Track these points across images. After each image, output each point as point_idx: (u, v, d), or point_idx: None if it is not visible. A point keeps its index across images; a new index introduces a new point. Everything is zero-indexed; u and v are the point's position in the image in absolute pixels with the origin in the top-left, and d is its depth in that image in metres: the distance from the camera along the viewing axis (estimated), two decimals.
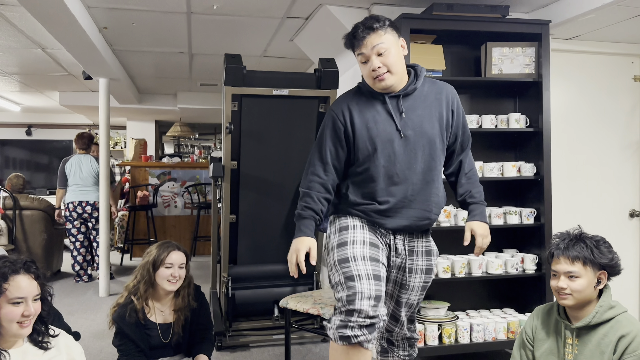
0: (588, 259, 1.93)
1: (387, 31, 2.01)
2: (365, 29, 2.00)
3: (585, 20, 3.43)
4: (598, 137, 4.01)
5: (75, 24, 3.50)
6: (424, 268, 2.21)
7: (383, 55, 2.00)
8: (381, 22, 2.01)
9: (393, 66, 2.01)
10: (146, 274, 2.55)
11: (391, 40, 2.02)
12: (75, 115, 9.55)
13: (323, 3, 3.57)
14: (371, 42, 1.99)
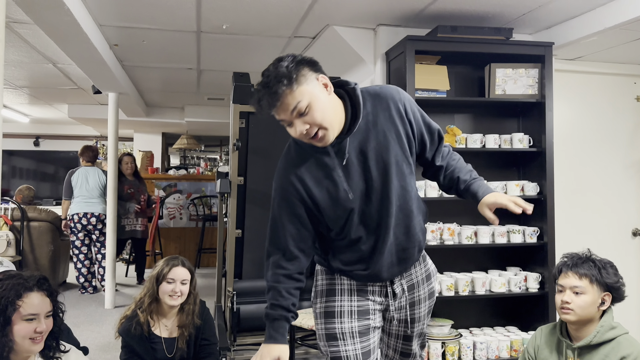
0: (595, 277, 1.97)
1: (300, 82, 1.55)
2: (274, 94, 1.54)
3: (588, 43, 3.49)
4: (601, 156, 4.04)
5: (88, 42, 3.57)
6: (426, 295, 1.96)
7: (307, 113, 1.56)
8: (286, 77, 1.53)
9: (324, 120, 1.58)
10: (151, 287, 2.60)
11: (309, 90, 1.56)
12: (82, 127, 9.65)
13: (330, 23, 3.64)
14: (287, 105, 1.55)
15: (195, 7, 3.32)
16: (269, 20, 3.56)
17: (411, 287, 1.89)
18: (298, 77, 1.56)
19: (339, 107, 1.66)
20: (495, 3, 3.19)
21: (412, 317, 1.90)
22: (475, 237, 3.42)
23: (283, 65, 1.56)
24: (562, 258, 2.12)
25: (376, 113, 1.71)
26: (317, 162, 1.70)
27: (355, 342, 1.79)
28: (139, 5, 3.31)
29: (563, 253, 2.16)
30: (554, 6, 3.23)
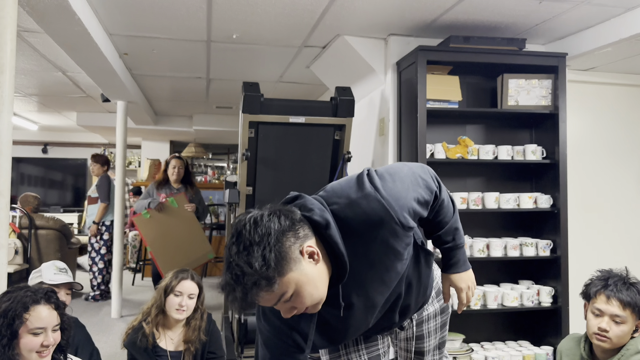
0: (638, 307, 1.88)
1: (282, 273, 1.27)
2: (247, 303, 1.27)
3: (602, 53, 3.44)
4: (615, 168, 3.99)
5: (97, 51, 3.57)
6: (438, 327, 1.88)
7: (293, 299, 1.33)
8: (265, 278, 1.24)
9: (314, 299, 1.35)
10: (159, 298, 2.57)
11: (294, 278, 1.29)
12: (91, 135, 9.67)
13: (341, 33, 3.62)
14: (266, 302, 1.31)
15: (206, 16, 3.30)
16: (280, 30, 3.54)
17: (420, 323, 1.84)
18: (280, 268, 1.26)
19: (325, 269, 1.37)
20: (509, 14, 3.16)
21: (419, 350, 1.88)
22: (488, 249, 3.37)
23: (256, 259, 1.23)
24: (599, 277, 1.98)
25: (368, 244, 1.41)
26: None
27: None
28: (150, 15, 3.30)
29: (597, 269, 2.04)
30: (567, 17, 3.20)
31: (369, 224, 1.38)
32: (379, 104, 3.84)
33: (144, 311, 2.62)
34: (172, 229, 4.72)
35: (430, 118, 3.28)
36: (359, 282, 1.45)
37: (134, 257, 7.57)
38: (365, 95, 4.13)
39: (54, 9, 2.76)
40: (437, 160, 3.34)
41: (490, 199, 3.38)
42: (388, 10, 3.15)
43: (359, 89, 4.12)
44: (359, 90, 4.13)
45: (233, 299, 1.26)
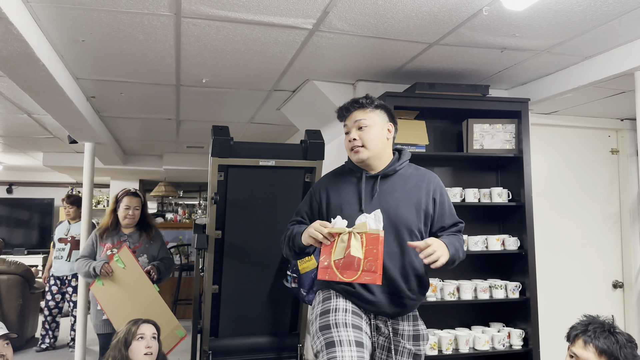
0: (614, 357, 1.87)
1: (374, 111, 2.12)
2: (353, 104, 2.14)
3: (563, 99, 3.56)
4: (579, 208, 4.07)
5: (63, 95, 3.52)
6: (411, 352, 2.11)
7: (363, 130, 2.10)
8: (369, 100, 2.13)
9: (369, 142, 2.09)
10: (117, 354, 2.48)
11: (375, 119, 2.12)
12: (57, 174, 9.48)
13: (310, 78, 3.66)
14: (355, 117, 2.12)
15: (175, 62, 3.31)
16: (249, 75, 3.57)
17: (395, 333, 2.10)
18: (376, 108, 2.12)
19: (387, 150, 2.17)
20: (472, 61, 3.25)
21: (395, 348, 2.08)
22: (458, 292, 3.38)
23: (375, 98, 2.16)
24: (582, 322, 1.98)
25: (411, 178, 2.13)
26: (348, 182, 2.16)
27: (349, 330, 1.95)
28: (118, 60, 3.29)
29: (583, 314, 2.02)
30: (529, 64, 3.30)
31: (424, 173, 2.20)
32: None
33: None
34: (128, 299, 3.46)
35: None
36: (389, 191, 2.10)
37: None
38: (335, 137, 4.16)
39: (17, 56, 2.72)
40: None
41: None
42: (355, 58, 3.21)
43: (329, 131, 4.16)
44: (329, 133, 4.16)
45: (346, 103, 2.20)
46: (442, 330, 3.42)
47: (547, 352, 3.44)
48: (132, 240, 3.67)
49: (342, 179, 2.19)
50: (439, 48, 3.01)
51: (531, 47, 3.00)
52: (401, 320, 2.13)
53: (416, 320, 2.19)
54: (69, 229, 5.69)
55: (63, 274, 5.50)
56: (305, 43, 2.96)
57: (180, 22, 2.67)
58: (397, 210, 2.06)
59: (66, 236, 5.65)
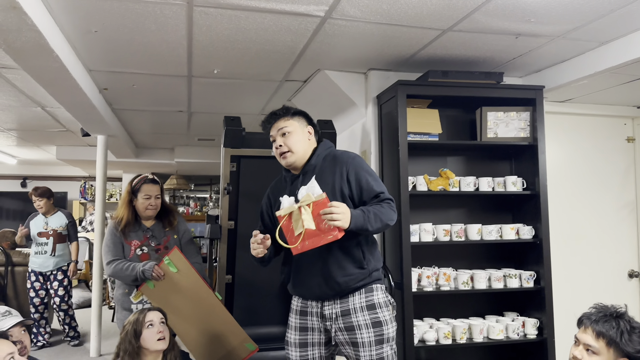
0: (613, 341, 1.82)
1: (293, 118, 2.34)
2: (272, 116, 2.36)
3: (579, 86, 3.51)
4: (594, 197, 4.03)
5: (76, 87, 3.54)
6: (368, 322, 2.25)
7: (286, 136, 2.30)
8: (286, 110, 2.36)
9: (293, 146, 2.30)
10: (128, 346, 2.45)
11: (296, 125, 2.33)
12: (71, 168, 9.56)
13: (321, 68, 3.65)
14: (277, 126, 2.32)
15: (187, 53, 3.31)
16: (261, 65, 3.56)
17: (346, 312, 2.26)
18: (294, 115, 2.34)
19: (310, 150, 2.35)
20: (486, 48, 3.21)
21: (353, 341, 2.24)
22: (472, 282, 3.36)
23: (290, 107, 2.38)
24: (591, 307, 1.97)
25: (327, 167, 2.31)
26: (282, 186, 2.40)
27: (297, 350, 2.32)
28: (130, 52, 3.30)
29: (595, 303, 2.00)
30: (544, 50, 3.26)
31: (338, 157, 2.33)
32: (361, 136, 3.86)
33: None
34: (184, 305, 2.91)
35: (411, 150, 3.30)
36: None
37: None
38: (347, 127, 4.15)
39: (31, 47, 2.74)
40: (419, 193, 3.34)
41: (472, 231, 3.37)
42: (367, 46, 3.19)
43: (341, 121, 4.14)
44: (341, 123, 4.15)
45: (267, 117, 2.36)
46: (455, 319, 3.41)
47: (562, 341, 3.41)
48: (158, 236, 3.16)
49: (279, 184, 2.46)
50: (453, 35, 2.98)
51: (546, 32, 2.96)
52: (351, 297, 2.27)
53: (370, 292, 2.30)
54: (47, 222, 5.33)
55: (47, 269, 5.20)
56: (317, 31, 2.94)
57: (192, 11, 2.66)
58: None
59: (46, 230, 5.29)
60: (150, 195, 3.13)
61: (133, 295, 3.04)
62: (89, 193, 10.35)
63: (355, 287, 2.27)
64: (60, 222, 5.38)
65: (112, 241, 3.07)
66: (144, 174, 3.24)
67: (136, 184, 3.15)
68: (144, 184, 3.15)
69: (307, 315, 2.34)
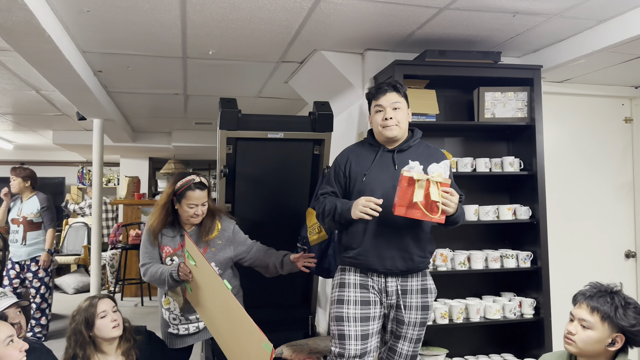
0: (607, 315, 1.83)
1: (403, 97, 2.46)
2: (389, 86, 2.44)
3: (576, 65, 3.48)
4: (592, 178, 4.02)
5: (70, 69, 3.51)
6: (419, 305, 2.43)
7: (396, 111, 2.41)
8: (402, 87, 2.47)
9: (402, 122, 2.42)
10: (79, 336, 2.42)
11: (405, 104, 2.47)
12: (68, 153, 9.53)
13: (317, 48, 3.62)
14: (391, 98, 2.42)
15: (181, 33, 3.27)
16: (256, 45, 3.52)
17: (404, 292, 2.39)
18: (404, 95, 2.48)
19: (407, 131, 2.50)
20: (483, 27, 3.18)
21: (400, 319, 2.40)
22: (469, 262, 3.36)
23: (403, 85, 2.49)
24: (586, 285, 2.00)
25: (422, 154, 2.43)
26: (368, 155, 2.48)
27: (357, 325, 2.35)
28: (123, 32, 3.26)
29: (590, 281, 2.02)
30: (541, 29, 3.23)
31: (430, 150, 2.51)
32: (358, 118, 3.84)
33: None
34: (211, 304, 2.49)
35: None
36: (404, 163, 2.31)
37: (113, 278, 7.42)
38: (344, 109, 4.12)
39: (22, 27, 2.70)
40: None
41: (469, 211, 3.37)
42: (364, 26, 3.16)
43: (338, 103, 4.11)
44: (338, 105, 4.12)
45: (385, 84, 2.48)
46: (452, 299, 3.42)
47: (559, 321, 3.43)
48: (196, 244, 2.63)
49: (363, 152, 2.51)
50: (450, 13, 2.95)
51: (544, 10, 2.92)
52: (410, 277, 2.43)
53: (425, 276, 2.49)
54: (20, 209, 4.94)
55: (20, 258, 4.85)
56: (312, 9, 2.91)
57: None
58: None
59: (18, 216, 4.91)
60: (195, 204, 2.69)
61: (164, 300, 2.83)
62: (87, 178, 10.33)
63: (419, 268, 2.44)
64: (32, 209, 4.93)
65: (148, 242, 2.76)
66: (190, 177, 2.73)
67: (180, 188, 2.69)
68: (188, 190, 2.68)
69: (369, 288, 2.40)
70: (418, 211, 2.18)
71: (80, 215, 8.88)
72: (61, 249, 8.73)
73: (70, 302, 6.93)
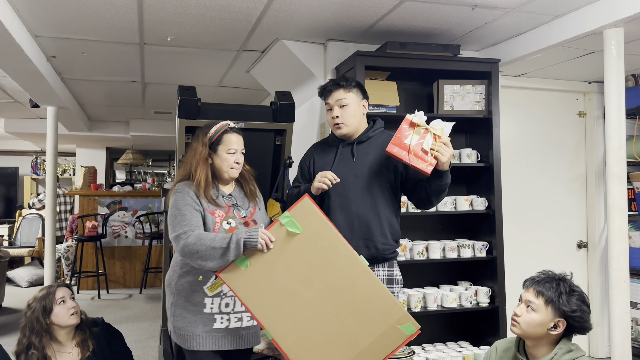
0: (551, 300, 1.90)
1: (352, 90, 2.41)
2: (334, 84, 2.42)
3: (533, 59, 3.56)
4: (546, 170, 4.14)
5: (21, 54, 3.38)
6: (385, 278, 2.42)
7: (343, 108, 2.39)
8: (348, 81, 2.42)
9: (348, 119, 2.40)
10: (36, 324, 2.37)
11: (353, 98, 2.41)
12: (21, 142, 9.20)
13: (279, 38, 3.58)
14: (336, 96, 2.40)
15: (137, 18, 3.19)
16: (216, 33, 3.46)
17: None
18: (353, 88, 2.41)
19: (363, 122, 2.48)
20: (443, 20, 3.21)
21: None
22: (427, 252, 3.41)
23: (351, 78, 2.45)
24: (537, 272, 2.06)
25: (384, 142, 2.35)
26: (330, 149, 2.50)
27: None
28: (77, 16, 3.15)
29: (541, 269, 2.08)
30: (499, 23, 3.29)
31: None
32: (320, 109, 3.83)
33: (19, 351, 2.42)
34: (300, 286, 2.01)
35: None
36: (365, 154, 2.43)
37: (68, 271, 7.23)
38: (306, 100, 4.11)
39: None
40: None
41: None
42: (325, 15, 3.14)
43: (300, 94, 4.09)
44: (300, 95, 4.10)
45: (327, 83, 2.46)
46: (411, 289, 3.47)
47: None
48: (243, 205, 2.33)
49: (326, 148, 2.54)
50: (411, 4, 2.97)
51: (502, 4, 2.97)
52: (376, 267, 2.41)
53: (392, 266, 2.47)
54: None
55: None
56: None
57: None
58: (371, 168, 2.40)
59: None
60: (235, 149, 2.29)
61: (209, 285, 2.19)
62: (41, 168, 10.01)
63: (385, 258, 2.42)
64: None
65: (187, 209, 2.16)
66: (223, 122, 2.36)
67: (214, 135, 2.28)
68: (225, 133, 2.29)
69: None
70: (406, 154, 2.22)
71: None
72: (14, 240, 8.45)
73: (23, 295, 6.72)
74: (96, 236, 6.65)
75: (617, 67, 2.95)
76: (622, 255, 2.95)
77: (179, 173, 2.38)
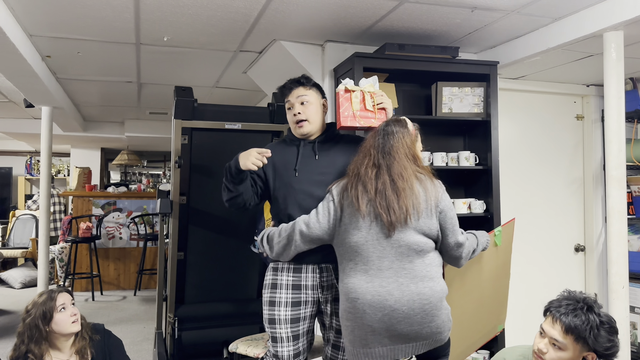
0: (582, 338, 1.76)
1: (312, 89, 2.40)
2: (294, 83, 2.39)
3: (532, 62, 3.55)
4: (544, 173, 4.12)
5: (16, 53, 3.33)
6: None
7: (305, 105, 2.35)
8: (308, 80, 2.41)
9: (311, 116, 2.36)
10: (35, 331, 2.29)
11: (314, 96, 2.39)
12: (15, 142, 9.14)
13: (277, 38, 3.55)
14: (297, 93, 2.36)
15: (134, 18, 3.15)
16: (213, 33, 3.43)
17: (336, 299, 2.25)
18: (312, 87, 2.40)
19: (323, 123, 2.43)
20: (442, 22, 3.19)
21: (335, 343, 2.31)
22: None
23: (310, 78, 2.43)
24: (560, 294, 1.89)
25: (341, 140, 2.42)
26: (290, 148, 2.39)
27: (288, 326, 2.24)
28: (73, 16, 3.11)
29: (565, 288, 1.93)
30: (498, 26, 3.27)
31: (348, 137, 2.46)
32: None
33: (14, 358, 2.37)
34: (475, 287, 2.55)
35: None
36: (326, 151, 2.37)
37: (62, 272, 7.17)
38: None
39: None
40: None
41: None
42: (323, 16, 3.11)
43: None
44: None
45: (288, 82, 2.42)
46: None
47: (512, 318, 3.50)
48: None
49: (285, 147, 2.43)
50: (410, 6, 2.94)
51: (501, 6, 2.95)
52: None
53: None
54: None
55: None
56: None
57: None
58: (336, 166, 2.33)
59: None
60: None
61: None
62: (35, 169, 9.94)
63: None
64: None
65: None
66: None
67: None
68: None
69: (302, 288, 2.27)
70: (357, 120, 2.32)
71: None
72: (7, 241, 8.38)
73: (16, 297, 6.68)
74: (90, 237, 6.60)
75: (617, 71, 2.93)
76: (621, 260, 2.93)
77: None
